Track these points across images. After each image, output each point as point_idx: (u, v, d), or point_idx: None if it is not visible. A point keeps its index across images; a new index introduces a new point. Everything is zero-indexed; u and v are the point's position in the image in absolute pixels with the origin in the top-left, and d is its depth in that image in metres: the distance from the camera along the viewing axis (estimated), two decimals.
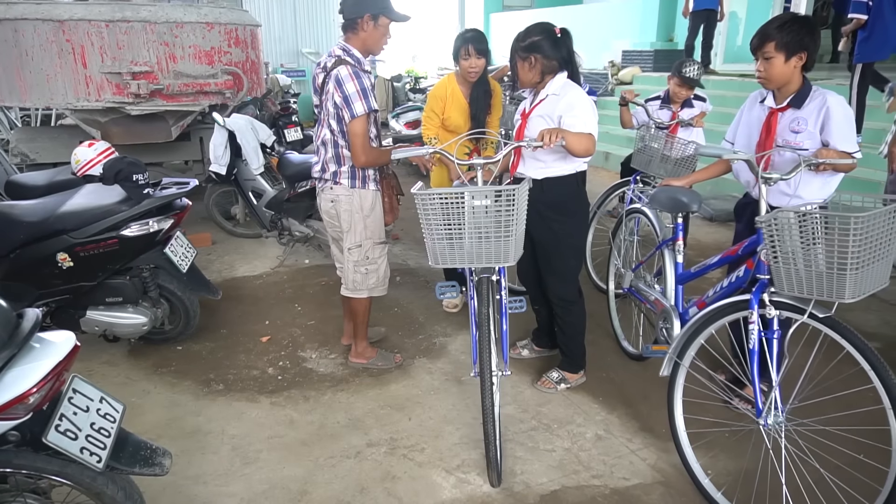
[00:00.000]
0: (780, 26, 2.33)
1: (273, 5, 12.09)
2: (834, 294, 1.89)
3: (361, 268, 3.01)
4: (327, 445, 2.64)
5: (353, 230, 2.96)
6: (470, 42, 3.29)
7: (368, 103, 2.72)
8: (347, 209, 2.93)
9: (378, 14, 2.74)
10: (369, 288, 3.07)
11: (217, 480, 2.44)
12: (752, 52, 2.45)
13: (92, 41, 4.75)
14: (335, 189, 2.92)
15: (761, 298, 2.09)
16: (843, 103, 2.39)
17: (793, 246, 1.94)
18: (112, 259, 3.09)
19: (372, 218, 2.97)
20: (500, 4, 14.27)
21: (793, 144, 2.42)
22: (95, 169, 3.59)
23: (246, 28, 5.51)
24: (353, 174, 2.89)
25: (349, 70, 2.70)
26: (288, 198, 4.67)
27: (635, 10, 10.55)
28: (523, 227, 2.27)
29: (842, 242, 1.81)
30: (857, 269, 1.83)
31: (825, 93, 2.41)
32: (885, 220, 1.84)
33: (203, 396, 3.02)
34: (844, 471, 2.24)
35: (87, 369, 3.21)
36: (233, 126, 4.79)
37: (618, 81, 9.89)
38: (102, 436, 1.69)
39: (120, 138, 5.02)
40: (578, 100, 2.62)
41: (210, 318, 3.78)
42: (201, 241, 5.04)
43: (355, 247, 2.98)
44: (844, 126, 2.36)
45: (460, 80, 3.47)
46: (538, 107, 2.70)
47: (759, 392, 2.13)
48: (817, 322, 1.99)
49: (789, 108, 2.45)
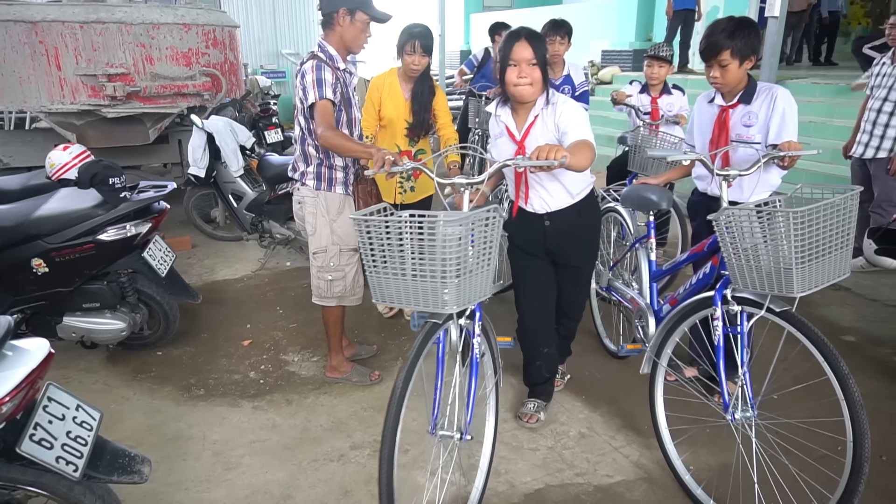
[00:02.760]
0: (731, 34, 2.37)
1: (252, 6, 11.99)
2: (784, 289, 1.91)
3: (326, 274, 2.89)
4: (310, 449, 2.62)
5: (317, 234, 2.86)
6: (417, 38, 3.19)
7: (321, 91, 2.59)
8: (312, 212, 2.83)
9: (355, 9, 2.65)
10: (336, 296, 2.94)
11: (198, 487, 2.41)
12: (703, 59, 2.49)
13: (66, 43, 4.67)
14: (301, 190, 2.86)
15: (724, 295, 2.12)
16: (789, 97, 2.47)
17: (742, 242, 1.97)
18: (89, 264, 3.04)
19: (339, 223, 2.84)
20: (481, 5, 14.31)
21: (745, 138, 2.52)
22: (71, 173, 3.53)
23: (224, 29, 5.46)
24: (318, 175, 2.79)
25: (313, 63, 2.63)
26: (268, 200, 4.64)
27: (614, 11, 10.64)
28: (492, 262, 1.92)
29: (785, 237, 1.83)
30: (803, 262, 1.84)
31: (771, 87, 2.52)
32: (834, 212, 1.85)
33: (184, 402, 2.99)
34: (812, 464, 2.27)
35: (63, 376, 3.16)
36: (212, 128, 4.75)
37: (598, 81, 9.96)
38: (79, 444, 1.66)
39: (96, 141, 4.95)
40: (569, 106, 2.31)
41: (190, 323, 3.74)
42: (181, 244, 4.99)
43: (320, 251, 2.87)
44: (789, 119, 2.45)
45: (401, 76, 3.40)
46: (532, 130, 2.33)
47: (726, 387, 2.16)
48: (774, 316, 2.02)
49: (739, 104, 2.54)
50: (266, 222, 4.74)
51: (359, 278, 2.98)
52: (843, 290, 4.08)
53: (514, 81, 2.22)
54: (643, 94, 4.23)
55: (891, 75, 4.07)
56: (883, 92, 4.11)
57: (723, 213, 1.99)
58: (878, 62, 4.26)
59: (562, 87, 4.22)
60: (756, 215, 1.92)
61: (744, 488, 2.21)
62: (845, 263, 1.95)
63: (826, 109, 6.58)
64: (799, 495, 2.14)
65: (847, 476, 1.89)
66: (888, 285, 4.18)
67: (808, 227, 1.81)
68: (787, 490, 2.13)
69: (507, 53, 2.21)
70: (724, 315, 2.14)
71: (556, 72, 4.20)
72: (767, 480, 2.16)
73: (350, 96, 2.82)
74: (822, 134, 6.20)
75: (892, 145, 4.09)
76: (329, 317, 3.02)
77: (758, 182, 2.50)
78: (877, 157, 4.16)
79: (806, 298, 1.95)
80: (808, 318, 2.05)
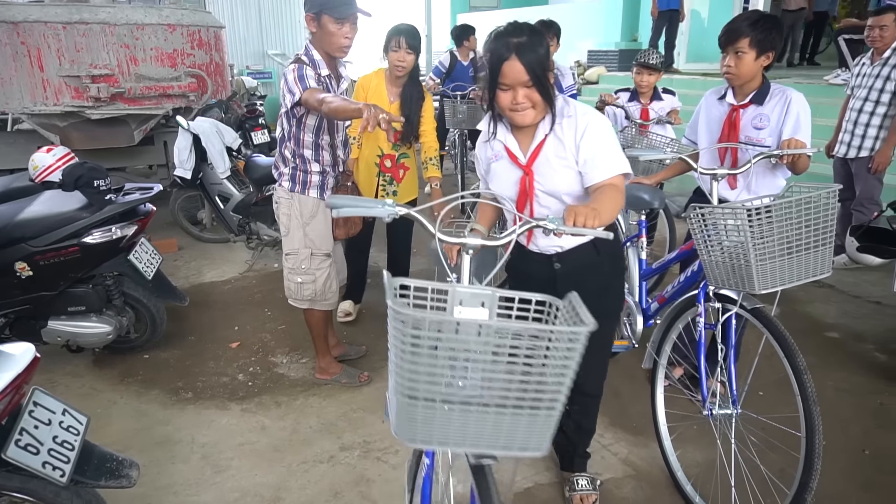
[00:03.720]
0: (754, 23, 2.31)
1: (237, 6, 11.93)
2: (745, 285, 1.94)
3: (296, 276, 2.86)
4: (300, 451, 2.62)
5: (289, 235, 2.84)
6: (402, 34, 3.11)
7: (304, 84, 2.52)
8: (286, 213, 2.82)
9: (319, 13, 2.55)
10: (307, 299, 2.90)
11: (188, 490, 2.40)
12: (720, 47, 2.41)
13: (48, 43, 4.63)
14: (278, 191, 2.85)
15: (707, 292, 2.15)
16: (803, 100, 2.43)
17: (709, 239, 2.00)
18: (74, 267, 3.01)
19: (313, 226, 2.81)
20: (467, 5, 14.32)
21: (755, 141, 2.45)
22: (54, 175, 3.49)
23: (209, 30, 5.43)
24: (293, 177, 2.77)
25: (295, 66, 2.59)
26: (255, 201, 4.62)
27: (599, 11, 10.70)
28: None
29: (743, 234, 1.86)
30: (763, 259, 1.86)
31: (785, 89, 2.45)
32: (801, 210, 1.85)
33: (171, 405, 2.97)
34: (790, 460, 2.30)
35: (49, 381, 3.12)
36: (197, 129, 4.72)
37: (584, 81, 10.01)
38: (66, 449, 1.65)
39: (80, 143, 4.91)
40: (593, 121, 1.81)
41: (178, 326, 3.71)
42: (167, 246, 4.95)
43: (292, 253, 2.85)
44: (803, 121, 2.41)
45: (387, 77, 3.31)
46: (543, 151, 1.84)
47: (705, 383, 2.19)
48: (746, 313, 2.06)
49: (751, 104, 2.47)
50: (253, 224, 4.72)
51: (330, 283, 2.94)
52: (827, 287, 4.14)
53: (510, 107, 1.75)
54: (632, 103, 4.08)
55: (871, 75, 4.14)
56: (863, 92, 4.17)
57: (692, 210, 2.02)
58: (859, 62, 4.32)
59: None
60: (721, 213, 1.95)
61: (725, 483, 2.24)
62: (824, 261, 1.96)
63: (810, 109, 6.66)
64: (770, 492, 2.16)
65: (800, 472, 1.91)
66: (870, 282, 4.24)
67: (766, 224, 1.82)
68: (757, 487, 2.15)
69: (496, 75, 1.71)
70: (706, 312, 2.17)
71: None
72: (743, 476, 2.19)
73: None
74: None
75: (872, 144, 4.15)
76: (311, 319, 3.00)
77: (763, 183, 2.47)
78: (858, 156, 4.22)
79: (790, 295, 1.98)
80: (792, 314, 2.09)
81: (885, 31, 4.03)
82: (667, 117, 3.96)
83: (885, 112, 4.08)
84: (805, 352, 2.06)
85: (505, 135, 1.90)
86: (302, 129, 2.71)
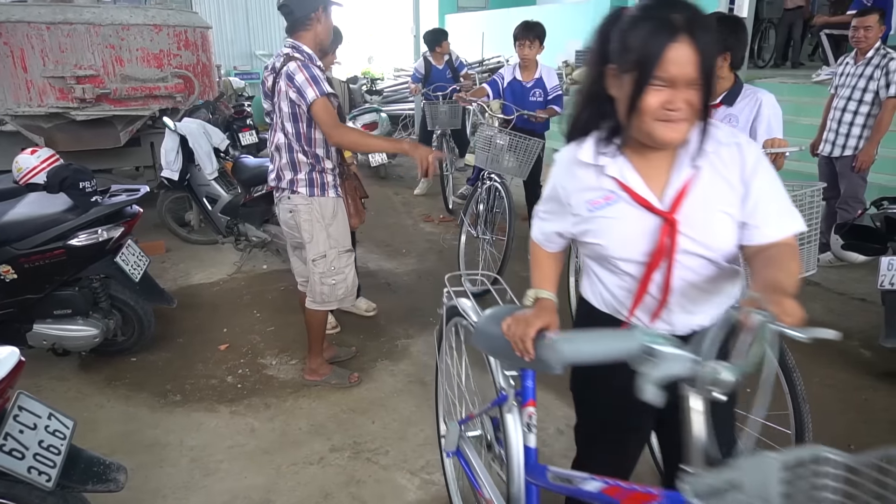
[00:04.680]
0: None
1: (224, 7, 11.87)
2: None
3: (329, 279, 2.86)
4: (290, 453, 2.61)
5: (315, 241, 2.83)
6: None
7: (320, 88, 2.58)
8: (307, 219, 2.80)
9: (328, 4, 2.70)
10: (338, 299, 2.93)
11: (176, 494, 2.38)
12: None
13: (32, 44, 4.58)
14: (293, 199, 2.80)
15: None
16: (774, 101, 2.47)
17: None
18: (59, 270, 2.98)
19: (335, 226, 2.84)
20: (455, 5, 14.33)
21: None
22: (39, 177, 3.46)
23: (196, 30, 5.40)
24: (310, 181, 2.77)
25: (297, 63, 2.61)
26: (244, 202, 4.59)
27: (587, 11, 10.75)
28: None
29: None
30: None
31: (756, 90, 2.49)
32: None
33: (160, 408, 2.95)
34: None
35: (35, 385, 3.09)
36: (184, 130, 4.68)
37: (572, 81, 10.04)
38: (52, 453, 1.63)
39: (65, 145, 4.86)
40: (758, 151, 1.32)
41: (166, 328, 3.69)
42: (155, 248, 4.91)
43: (320, 258, 2.84)
44: (774, 123, 2.45)
45: None
46: (693, 192, 1.27)
47: None
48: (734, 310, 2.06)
49: (722, 105, 2.52)
50: (242, 225, 4.69)
51: (356, 279, 3.01)
52: (813, 285, 4.18)
53: (658, 115, 1.18)
54: None
55: (854, 75, 4.19)
56: (847, 91, 4.23)
57: None
58: (842, 62, 4.38)
59: (533, 90, 4.23)
60: None
61: None
62: (810, 259, 1.98)
63: (793, 108, 6.72)
64: None
65: None
66: (855, 279, 4.29)
67: None
68: None
69: (650, 65, 1.14)
70: None
71: (529, 74, 4.21)
72: None
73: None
74: (790, 132, 6.26)
75: (856, 143, 4.20)
76: (313, 320, 3.00)
77: None
78: (843, 155, 4.27)
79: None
80: None
81: (868, 31, 4.08)
82: None
83: (868, 111, 4.14)
84: (791, 349, 2.09)
85: (620, 165, 1.30)
86: (313, 127, 2.70)
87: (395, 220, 6.05)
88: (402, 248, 5.20)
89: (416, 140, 5.92)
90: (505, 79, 4.31)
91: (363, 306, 3.86)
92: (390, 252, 5.10)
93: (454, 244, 5.25)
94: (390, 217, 6.11)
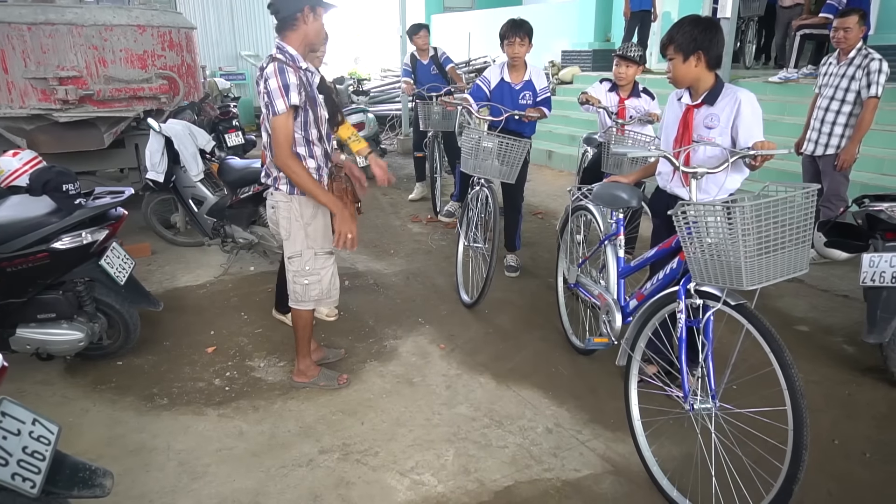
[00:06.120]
0: (678, 28, 2.46)
1: (209, 7, 11.78)
2: (734, 282, 1.97)
3: (302, 279, 2.87)
4: (278, 455, 2.60)
5: (291, 239, 2.83)
6: None
7: (289, 99, 2.55)
8: (286, 216, 2.80)
9: (315, 5, 2.66)
10: (313, 300, 2.92)
11: (164, 498, 2.36)
12: (661, 55, 2.57)
13: (13, 45, 4.52)
14: (275, 195, 2.82)
15: (688, 289, 2.19)
16: (753, 100, 2.50)
17: (697, 236, 2.03)
18: (43, 273, 2.94)
19: (314, 226, 2.82)
20: (441, 5, 14.34)
21: (706, 140, 2.53)
22: (21, 179, 3.43)
23: (180, 31, 5.36)
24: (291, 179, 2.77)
25: (275, 66, 2.58)
26: (230, 204, 4.56)
27: (573, 12, 10.79)
28: None
29: (732, 232, 1.89)
30: (751, 257, 1.90)
31: (736, 89, 2.53)
32: (786, 209, 1.90)
33: (146, 412, 2.92)
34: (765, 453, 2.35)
35: (18, 390, 3.05)
36: (169, 132, 4.64)
37: (558, 81, 10.09)
38: (36, 460, 1.61)
39: (48, 147, 4.80)
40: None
41: (152, 331, 3.66)
42: (140, 251, 4.87)
43: (295, 256, 2.84)
44: (753, 122, 2.48)
45: None
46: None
47: (687, 379, 2.23)
48: (730, 309, 2.09)
49: (703, 104, 2.56)
50: (228, 227, 4.66)
51: (335, 281, 2.96)
52: (797, 282, 4.23)
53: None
54: (612, 94, 4.17)
55: (837, 75, 4.24)
56: (830, 91, 4.28)
57: (680, 207, 2.05)
58: (825, 62, 4.43)
59: (522, 92, 4.21)
60: (709, 210, 1.98)
61: (704, 477, 2.28)
62: (803, 259, 2.00)
63: (777, 107, 6.80)
64: (752, 484, 2.21)
65: (787, 464, 1.95)
66: (837, 276, 4.35)
67: (756, 222, 1.86)
68: (740, 479, 2.19)
69: None
70: (687, 308, 2.20)
71: (518, 75, 4.19)
72: (724, 469, 2.23)
73: (314, 95, 2.76)
74: (775, 131, 6.40)
75: (839, 142, 4.26)
76: (299, 320, 2.99)
77: (723, 184, 2.52)
78: (825, 153, 4.33)
79: (761, 291, 2.02)
80: (763, 309, 2.13)
81: (849, 32, 4.14)
82: (647, 116, 4.02)
83: (851, 111, 4.20)
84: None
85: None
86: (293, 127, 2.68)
87: (383, 220, 6.04)
88: (390, 249, 5.19)
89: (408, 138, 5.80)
90: (492, 81, 4.21)
91: (324, 310, 3.81)
92: (378, 253, 5.09)
93: (442, 245, 5.26)
94: (378, 218, 6.10)
